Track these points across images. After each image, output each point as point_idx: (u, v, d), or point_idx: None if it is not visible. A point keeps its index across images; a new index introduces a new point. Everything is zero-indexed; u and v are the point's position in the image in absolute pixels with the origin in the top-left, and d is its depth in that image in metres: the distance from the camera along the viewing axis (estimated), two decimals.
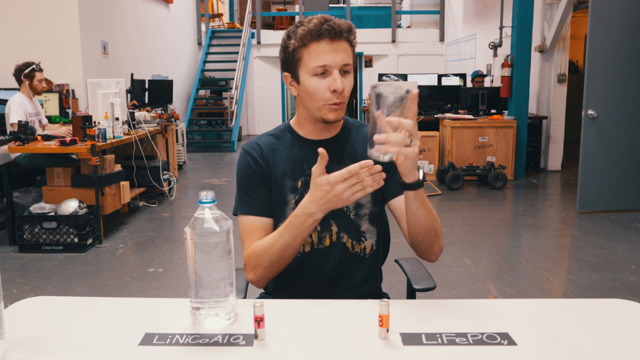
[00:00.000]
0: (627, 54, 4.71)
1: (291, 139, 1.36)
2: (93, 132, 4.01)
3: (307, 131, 1.35)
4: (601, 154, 4.78)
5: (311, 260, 1.34)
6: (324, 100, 1.24)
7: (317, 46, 1.21)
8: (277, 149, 1.35)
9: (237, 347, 0.94)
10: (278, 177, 1.33)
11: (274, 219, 1.35)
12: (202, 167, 7.80)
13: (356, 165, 1.08)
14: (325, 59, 1.21)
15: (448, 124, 6.32)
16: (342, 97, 1.24)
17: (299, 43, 1.23)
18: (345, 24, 1.23)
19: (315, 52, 1.22)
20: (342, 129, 1.37)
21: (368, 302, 1.11)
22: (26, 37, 5.92)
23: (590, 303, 1.29)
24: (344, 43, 1.23)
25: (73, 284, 3.30)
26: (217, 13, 12.52)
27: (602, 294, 3.08)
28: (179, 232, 4.45)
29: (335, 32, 1.21)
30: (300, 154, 1.34)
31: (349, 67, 1.24)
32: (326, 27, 1.20)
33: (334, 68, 1.22)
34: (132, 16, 7.79)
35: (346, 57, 1.23)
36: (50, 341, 0.97)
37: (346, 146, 1.36)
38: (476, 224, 4.58)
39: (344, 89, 1.23)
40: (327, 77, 1.23)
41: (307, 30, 1.21)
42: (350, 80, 1.26)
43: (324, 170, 1.12)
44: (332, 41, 1.21)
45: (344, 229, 1.33)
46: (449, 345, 0.95)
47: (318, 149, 1.11)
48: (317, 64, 1.21)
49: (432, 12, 11.34)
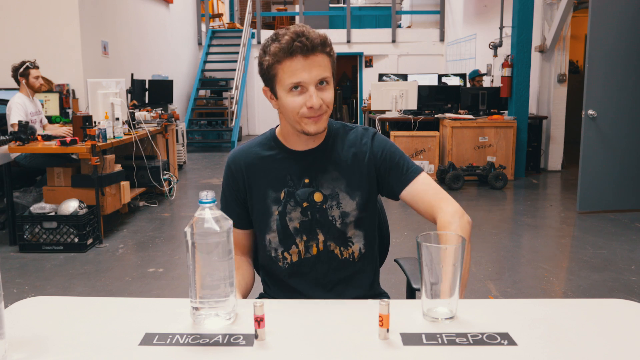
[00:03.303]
0: (627, 53, 4.71)
1: (276, 150, 1.35)
2: (93, 132, 4.00)
3: (291, 142, 1.33)
4: (601, 154, 4.78)
5: (300, 270, 1.34)
6: (302, 114, 1.22)
7: (290, 63, 1.18)
8: (261, 160, 1.34)
9: (237, 347, 0.94)
10: (261, 189, 1.33)
11: (260, 231, 1.36)
12: (202, 167, 7.80)
13: None
14: (300, 76, 1.18)
15: (448, 124, 6.32)
16: (321, 110, 1.22)
17: (273, 60, 1.20)
18: (318, 37, 1.19)
19: (290, 69, 1.19)
20: (327, 137, 1.35)
21: (368, 302, 1.11)
22: (26, 37, 5.92)
23: (590, 303, 1.29)
24: (319, 56, 1.20)
25: (73, 284, 3.30)
26: (217, 13, 12.53)
27: (602, 294, 3.08)
28: (179, 232, 4.45)
29: (307, 48, 1.17)
30: (283, 165, 1.33)
31: (327, 78, 1.22)
32: (297, 43, 1.16)
33: (310, 84, 1.19)
34: (133, 16, 7.79)
35: (322, 71, 1.20)
36: (50, 341, 0.97)
37: (331, 154, 1.34)
38: (476, 224, 4.58)
39: (321, 104, 1.21)
40: (303, 94, 1.20)
41: (279, 47, 1.18)
42: (330, 92, 1.23)
43: None
44: (306, 57, 1.18)
45: (331, 238, 1.32)
46: (449, 345, 0.95)
47: None
48: (292, 80, 1.19)
49: (432, 12, 11.34)
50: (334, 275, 1.34)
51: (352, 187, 1.32)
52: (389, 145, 1.36)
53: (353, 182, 1.32)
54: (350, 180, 1.32)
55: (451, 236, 1.04)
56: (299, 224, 1.31)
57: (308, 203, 1.31)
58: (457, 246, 0.99)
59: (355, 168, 1.33)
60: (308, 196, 1.31)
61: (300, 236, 1.32)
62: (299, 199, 1.31)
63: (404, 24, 12.20)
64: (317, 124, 1.23)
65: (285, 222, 1.32)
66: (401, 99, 6.64)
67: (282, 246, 1.33)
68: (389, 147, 1.35)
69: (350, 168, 1.33)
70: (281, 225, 1.32)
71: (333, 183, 1.32)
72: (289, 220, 1.31)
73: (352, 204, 1.32)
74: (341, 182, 1.32)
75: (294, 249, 1.32)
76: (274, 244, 1.33)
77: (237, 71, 10.19)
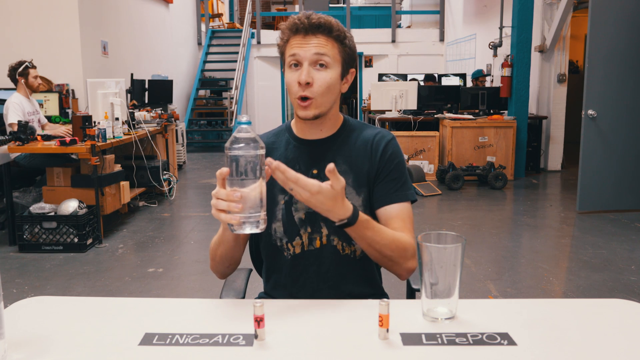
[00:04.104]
0: (627, 53, 4.71)
1: (287, 138, 1.37)
2: (93, 132, 4.01)
3: (301, 131, 1.35)
4: (601, 154, 4.78)
5: (303, 262, 1.34)
6: (294, 93, 1.24)
7: (292, 40, 1.24)
8: (273, 148, 1.35)
9: (237, 347, 0.94)
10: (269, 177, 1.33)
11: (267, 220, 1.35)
12: (202, 167, 7.80)
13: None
14: (296, 50, 1.23)
15: (448, 124, 6.32)
16: (310, 91, 1.23)
17: (283, 39, 1.27)
18: (320, 19, 1.23)
19: (290, 45, 1.25)
20: (341, 129, 1.35)
21: (368, 302, 1.11)
22: (26, 37, 5.91)
23: (590, 303, 1.29)
24: (320, 37, 1.23)
25: (73, 284, 3.30)
26: (217, 13, 12.53)
27: (602, 294, 3.08)
28: (179, 232, 4.45)
29: (307, 27, 1.22)
30: (293, 153, 1.34)
31: (325, 60, 1.23)
32: (297, 21, 1.23)
33: (304, 60, 1.22)
34: (132, 16, 7.79)
35: (319, 49, 1.22)
36: (50, 341, 0.97)
37: (342, 147, 1.34)
38: (476, 224, 4.58)
39: (311, 83, 1.22)
40: (298, 70, 1.24)
41: (286, 25, 1.26)
42: (325, 75, 1.23)
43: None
44: (306, 35, 1.23)
45: (334, 232, 1.31)
46: (449, 345, 0.95)
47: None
48: (289, 53, 1.24)
49: (432, 12, 11.34)
50: (336, 270, 1.34)
51: (359, 182, 1.32)
52: (400, 158, 1.35)
53: (360, 178, 1.32)
54: (358, 176, 1.32)
55: (451, 236, 1.04)
56: (304, 215, 1.31)
57: None
58: (457, 246, 0.99)
59: (365, 164, 1.33)
60: None
61: (304, 227, 1.31)
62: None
63: (404, 24, 12.21)
64: (306, 110, 1.25)
65: (291, 212, 1.32)
66: (401, 99, 6.64)
67: (287, 236, 1.32)
68: (399, 159, 1.35)
69: (360, 163, 1.33)
70: (286, 215, 1.32)
71: (341, 176, 1.31)
72: (294, 211, 1.31)
73: (357, 200, 1.32)
74: (348, 177, 1.31)
75: (298, 240, 1.32)
76: (279, 233, 1.33)
77: (237, 71, 10.20)
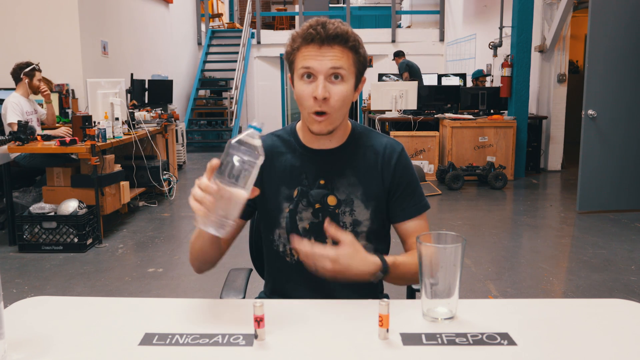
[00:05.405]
0: (627, 53, 4.71)
1: (294, 145, 1.32)
2: (93, 132, 4.00)
3: (308, 139, 1.31)
4: (601, 154, 4.78)
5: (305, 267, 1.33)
6: (308, 108, 1.19)
7: (305, 50, 1.18)
8: (278, 153, 1.32)
9: (237, 347, 0.94)
10: (274, 184, 1.30)
11: (267, 226, 1.34)
12: (202, 167, 7.78)
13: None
14: (310, 62, 1.17)
15: (448, 124, 6.32)
16: (326, 106, 1.18)
17: (293, 46, 1.21)
18: (337, 29, 1.17)
19: (302, 55, 1.18)
20: (349, 139, 1.31)
21: (368, 302, 1.11)
22: (26, 37, 5.91)
23: (590, 303, 1.29)
24: (336, 48, 1.18)
25: (73, 284, 3.30)
26: (217, 13, 12.52)
27: (602, 294, 3.08)
28: (179, 232, 4.45)
29: (323, 38, 1.16)
30: (299, 162, 1.30)
31: (342, 73, 1.18)
32: (311, 31, 1.17)
33: (320, 74, 1.17)
34: (132, 16, 7.78)
35: (335, 63, 1.17)
36: (50, 341, 0.97)
37: (351, 158, 1.30)
38: (476, 224, 4.58)
39: (327, 98, 1.17)
40: (312, 83, 1.18)
41: (298, 33, 1.19)
42: (342, 88, 1.19)
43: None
44: (321, 46, 1.17)
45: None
46: (449, 345, 0.95)
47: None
48: (302, 64, 1.18)
49: (432, 12, 11.34)
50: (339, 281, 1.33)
51: (367, 195, 1.29)
52: (411, 170, 1.34)
53: (370, 191, 1.29)
54: (367, 189, 1.29)
55: (451, 236, 1.04)
56: (308, 225, 1.29)
57: (320, 205, 1.28)
58: (457, 246, 0.99)
59: (374, 178, 1.30)
60: (321, 198, 1.28)
61: (308, 237, 1.28)
62: (312, 200, 1.28)
63: (404, 24, 12.21)
64: (320, 124, 1.21)
65: (295, 221, 1.29)
66: (401, 99, 6.64)
67: (290, 243, 1.30)
68: (411, 171, 1.33)
69: (369, 176, 1.30)
70: (291, 224, 1.29)
71: (349, 188, 1.29)
72: (299, 220, 1.29)
73: (365, 213, 1.29)
74: (357, 189, 1.29)
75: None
76: (283, 239, 1.31)
77: (237, 71, 10.19)
